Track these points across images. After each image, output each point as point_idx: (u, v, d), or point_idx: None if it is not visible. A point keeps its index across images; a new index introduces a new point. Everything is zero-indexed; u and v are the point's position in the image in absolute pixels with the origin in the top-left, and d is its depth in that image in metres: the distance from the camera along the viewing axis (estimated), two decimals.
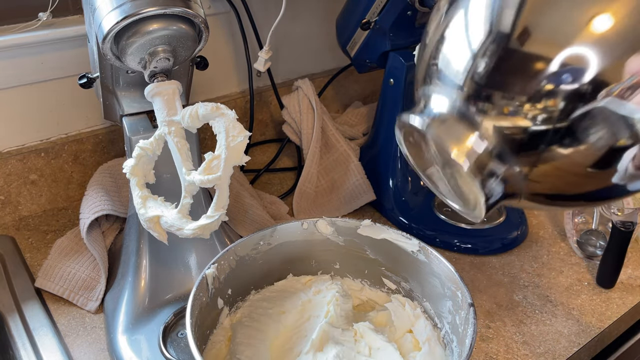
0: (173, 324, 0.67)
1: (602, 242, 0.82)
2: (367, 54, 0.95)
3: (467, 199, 0.52)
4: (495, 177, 0.48)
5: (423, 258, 0.64)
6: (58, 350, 0.67)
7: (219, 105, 0.56)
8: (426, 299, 0.65)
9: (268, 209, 0.89)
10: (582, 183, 0.48)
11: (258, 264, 0.67)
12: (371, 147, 0.99)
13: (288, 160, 1.08)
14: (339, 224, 0.68)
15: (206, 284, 0.60)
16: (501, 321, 0.73)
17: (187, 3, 0.57)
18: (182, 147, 0.59)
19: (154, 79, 0.61)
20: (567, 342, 0.70)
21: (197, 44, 0.61)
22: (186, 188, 0.57)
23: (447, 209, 0.91)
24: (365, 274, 0.71)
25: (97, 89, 0.70)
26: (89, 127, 0.92)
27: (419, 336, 0.63)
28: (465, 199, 0.53)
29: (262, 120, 1.12)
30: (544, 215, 0.92)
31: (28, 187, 0.88)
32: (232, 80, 1.07)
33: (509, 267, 0.82)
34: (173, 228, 0.57)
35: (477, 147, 0.47)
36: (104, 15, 0.56)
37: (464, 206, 0.54)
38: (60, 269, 0.76)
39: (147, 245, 0.71)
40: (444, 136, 0.48)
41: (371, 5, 0.88)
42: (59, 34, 0.83)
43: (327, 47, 1.15)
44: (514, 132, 0.46)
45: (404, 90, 0.90)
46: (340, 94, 1.22)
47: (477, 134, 0.47)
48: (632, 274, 0.80)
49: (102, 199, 0.80)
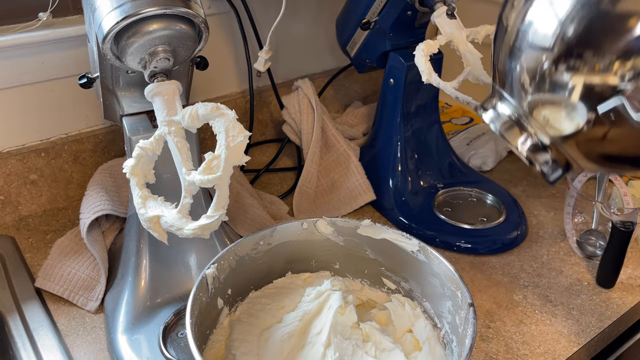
0: (173, 324, 0.67)
1: (602, 242, 0.82)
2: (367, 54, 0.95)
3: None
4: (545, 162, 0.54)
5: (423, 258, 0.64)
6: (58, 350, 0.67)
7: (219, 105, 0.56)
8: (426, 298, 0.65)
9: (268, 209, 0.89)
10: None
11: (258, 264, 0.67)
12: (371, 147, 0.99)
13: (288, 160, 1.08)
14: (339, 224, 0.68)
15: (206, 284, 0.60)
16: (501, 321, 0.73)
17: (187, 3, 0.57)
18: (182, 147, 0.59)
19: (154, 79, 0.61)
20: (567, 342, 0.70)
21: (197, 44, 0.61)
22: (186, 188, 0.57)
23: (447, 209, 0.91)
24: (365, 274, 0.71)
25: (97, 89, 0.70)
26: (89, 127, 0.92)
27: (418, 336, 0.63)
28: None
29: (262, 120, 1.12)
30: (544, 216, 0.92)
31: (28, 187, 0.88)
32: (232, 80, 1.07)
33: (509, 267, 0.82)
34: (173, 228, 0.57)
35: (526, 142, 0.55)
36: (104, 15, 0.56)
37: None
38: (60, 269, 0.76)
39: (147, 245, 0.71)
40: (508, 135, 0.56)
41: (371, 5, 0.88)
42: (59, 34, 0.83)
43: (327, 47, 1.16)
44: (604, 89, 0.47)
45: (404, 90, 0.90)
46: (340, 94, 1.22)
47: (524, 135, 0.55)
48: (632, 274, 0.80)
49: (102, 199, 0.80)
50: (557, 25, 0.49)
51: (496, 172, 1.04)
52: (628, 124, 0.47)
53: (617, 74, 0.46)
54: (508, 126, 0.56)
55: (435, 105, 0.95)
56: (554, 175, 0.55)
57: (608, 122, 0.48)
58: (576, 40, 0.48)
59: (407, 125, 0.92)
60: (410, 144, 0.93)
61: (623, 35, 0.46)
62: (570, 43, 0.48)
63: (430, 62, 0.78)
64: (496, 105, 0.58)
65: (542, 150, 0.55)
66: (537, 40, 0.51)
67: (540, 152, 0.55)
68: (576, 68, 0.48)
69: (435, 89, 0.93)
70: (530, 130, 0.54)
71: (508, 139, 0.56)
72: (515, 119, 0.56)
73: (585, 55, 0.48)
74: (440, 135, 0.97)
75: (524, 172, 1.04)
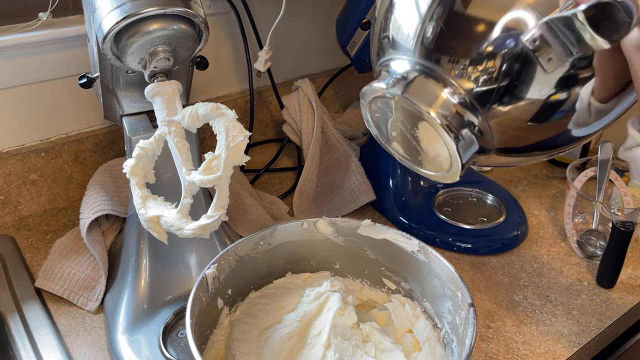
0: (173, 324, 0.67)
1: (602, 242, 0.82)
2: (367, 54, 0.95)
3: (439, 163, 0.54)
4: (468, 130, 0.50)
5: (423, 258, 0.64)
6: (58, 350, 0.67)
7: (219, 105, 0.56)
8: (426, 299, 0.65)
9: (268, 209, 0.89)
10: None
11: (258, 264, 0.67)
12: (371, 147, 0.99)
13: (288, 160, 1.08)
14: (339, 224, 0.68)
15: (206, 284, 0.60)
16: (501, 321, 0.73)
17: (187, 3, 0.57)
18: (182, 147, 0.59)
19: (154, 79, 0.61)
20: (567, 342, 0.70)
21: (197, 44, 0.61)
22: (186, 188, 0.57)
23: (447, 209, 0.91)
24: (365, 274, 0.71)
25: (97, 89, 0.70)
26: (89, 127, 0.92)
27: (419, 336, 0.63)
28: (437, 164, 0.54)
29: (262, 120, 1.12)
30: (544, 216, 0.92)
31: (28, 187, 0.88)
32: (232, 80, 1.07)
33: (509, 267, 0.82)
34: (173, 228, 0.57)
35: (448, 101, 0.49)
36: (104, 15, 0.56)
37: (437, 171, 0.55)
38: (60, 269, 0.76)
39: (147, 245, 0.71)
40: (413, 95, 0.50)
41: (371, 5, 0.88)
42: (59, 34, 0.83)
43: (327, 47, 1.15)
44: (477, 88, 0.49)
45: None
46: (340, 94, 1.22)
47: (447, 90, 0.49)
48: (632, 274, 0.80)
49: (102, 199, 0.80)
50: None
51: (496, 172, 1.04)
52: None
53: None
54: (418, 81, 0.50)
55: None
56: (467, 153, 0.51)
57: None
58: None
59: None
60: None
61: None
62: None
63: None
64: (390, 71, 0.52)
65: (470, 110, 0.49)
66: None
67: (468, 112, 0.49)
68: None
69: None
70: (452, 82, 0.49)
71: (421, 97, 0.49)
72: (423, 70, 0.50)
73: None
74: None
75: (524, 172, 1.04)
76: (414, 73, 0.50)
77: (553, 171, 1.04)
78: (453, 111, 0.49)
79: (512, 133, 0.52)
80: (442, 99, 0.49)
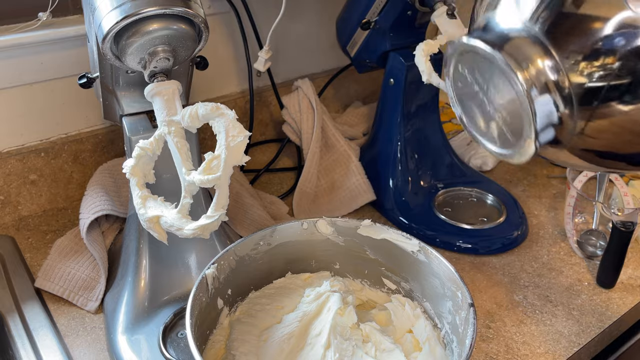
0: (173, 324, 0.67)
1: (602, 242, 0.82)
2: (367, 54, 0.95)
3: (507, 139, 0.50)
4: (553, 113, 0.46)
5: (423, 258, 0.64)
6: (58, 350, 0.67)
7: (219, 105, 0.56)
8: (426, 299, 0.65)
9: (268, 209, 0.89)
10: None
11: (258, 264, 0.67)
12: (371, 147, 0.99)
13: (288, 160, 1.08)
14: (339, 224, 0.68)
15: (206, 284, 0.60)
16: (501, 321, 0.73)
17: (187, 3, 0.57)
18: (182, 147, 0.59)
19: (154, 78, 0.61)
20: (567, 342, 0.70)
21: (197, 44, 0.61)
22: (186, 188, 0.57)
23: (447, 209, 0.91)
24: (365, 274, 0.71)
25: (97, 89, 0.70)
26: (89, 127, 0.92)
27: (419, 336, 0.63)
28: (504, 139, 0.50)
29: (262, 120, 1.12)
30: (544, 216, 0.92)
31: (28, 187, 0.88)
32: (232, 80, 1.07)
33: (509, 267, 0.82)
34: (173, 228, 0.57)
35: (547, 74, 0.45)
36: (104, 15, 0.56)
37: (502, 146, 0.51)
38: (60, 269, 0.76)
39: (147, 245, 0.71)
40: (509, 56, 0.46)
41: (371, 5, 0.88)
42: (59, 34, 0.83)
43: (327, 47, 1.15)
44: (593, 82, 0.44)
45: (404, 90, 0.90)
46: (340, 94, 1.22)
47: (550, 62, 0.45)
48: (632, 274, 0.80)
49: (102, 199, 0.80)
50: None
51: (496, 172, 1.04)
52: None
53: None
54: (519, 42, 0.46)
55: (436, 105, 0.95)
56: (544, 136, 0.46)
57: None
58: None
59: (407, 125, 0.92)
60: (411, 144, 0.93)
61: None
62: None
63: (430, 62, 0.78)
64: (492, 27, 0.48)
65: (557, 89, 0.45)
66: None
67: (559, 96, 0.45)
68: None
69: (435, 89, 0.93)
70: (558, 59, 0.45)
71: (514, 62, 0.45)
72: (532, 35, 0.46)
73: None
74: (440, 135, 0.97)
75: (524, 172, 1.04)
76: (520, 36, 0.47)
77: (553, 171, 1.04)
78: (542, 82, 0.45)
79: (626, 137, 0.47)
80: (538, 67, 0.45)
